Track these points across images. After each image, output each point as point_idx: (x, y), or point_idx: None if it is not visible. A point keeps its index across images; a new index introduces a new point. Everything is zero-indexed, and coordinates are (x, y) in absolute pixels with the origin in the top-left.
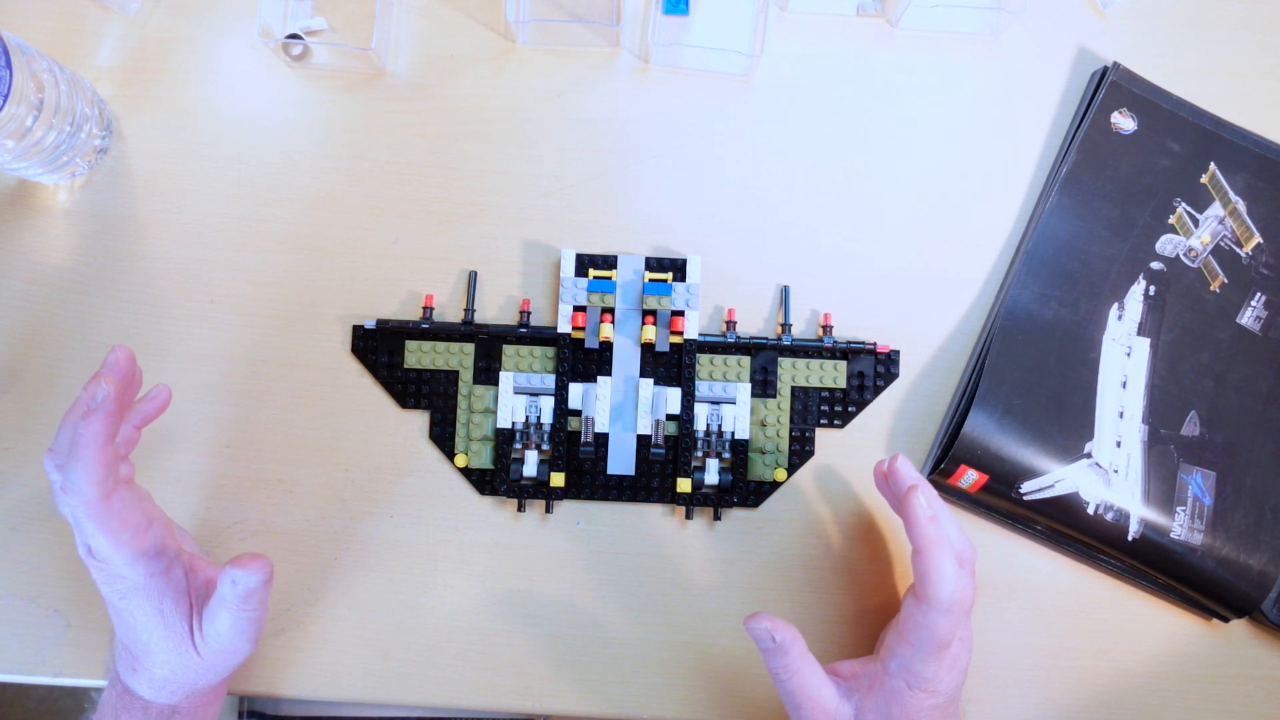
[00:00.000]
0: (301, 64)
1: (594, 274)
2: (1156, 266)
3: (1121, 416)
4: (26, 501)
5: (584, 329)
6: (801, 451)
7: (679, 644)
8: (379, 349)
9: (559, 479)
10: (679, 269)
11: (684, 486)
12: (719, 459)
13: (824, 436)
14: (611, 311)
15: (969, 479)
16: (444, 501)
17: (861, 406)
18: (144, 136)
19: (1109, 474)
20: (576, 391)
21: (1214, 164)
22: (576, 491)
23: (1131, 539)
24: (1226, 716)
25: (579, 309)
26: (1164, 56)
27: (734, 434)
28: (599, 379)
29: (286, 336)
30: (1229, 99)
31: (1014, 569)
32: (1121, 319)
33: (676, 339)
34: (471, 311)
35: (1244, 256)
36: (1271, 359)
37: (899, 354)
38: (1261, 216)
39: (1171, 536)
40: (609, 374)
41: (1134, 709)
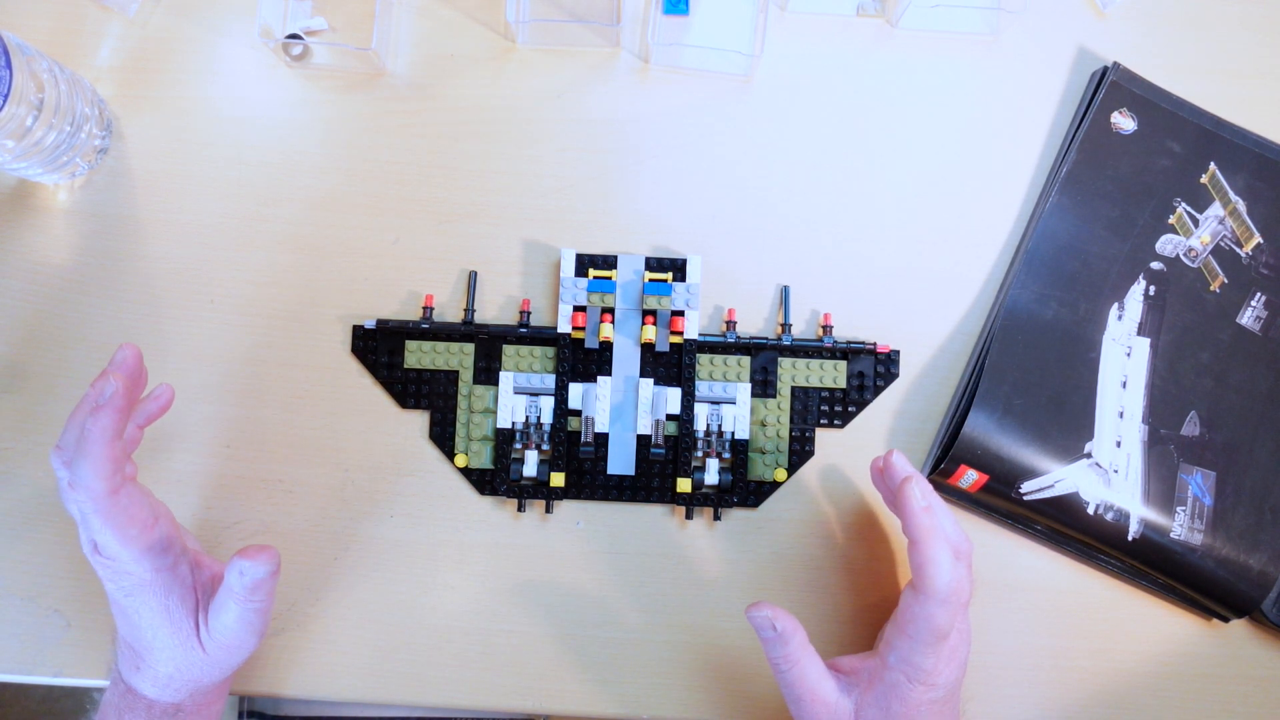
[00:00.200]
0: (301, 64)
1: (594, 274)
2: (1156, 266)
3: (1121, 416)
4: (26, 501)
5: (584, 329)
6: (801, 451)
7: (679, 644)
8: (379, 349)
9: (559, 479)
10: (679, 269)
11: (684, 486)
12: (719, 459)
13: (824, 436)
14: (611, 311)
15: (969, 479)
16: (444, 501)
17: (861, 406)
18: (144, 136)
19: (1109, 474)
20: (576, 391)
21: (1214, 164)
22: (576, 491)
23: (1131, 539)
24: (1226, 716)
25: (579, 309)
26: (1164, 56)
27: (734, 434)
28: (599, 379)
29: (286, 336)
30: (1229, 99)
31: (1014, 569)
32: (1121, 319)
33: (676, 339)
34: (471, 311)
35: (1244, 256)
36: (1271, 359)
37: (899, 354)
38: (1261, 216)
39: (1171, 536)
40: (609, 374)
41: (1134, 709)
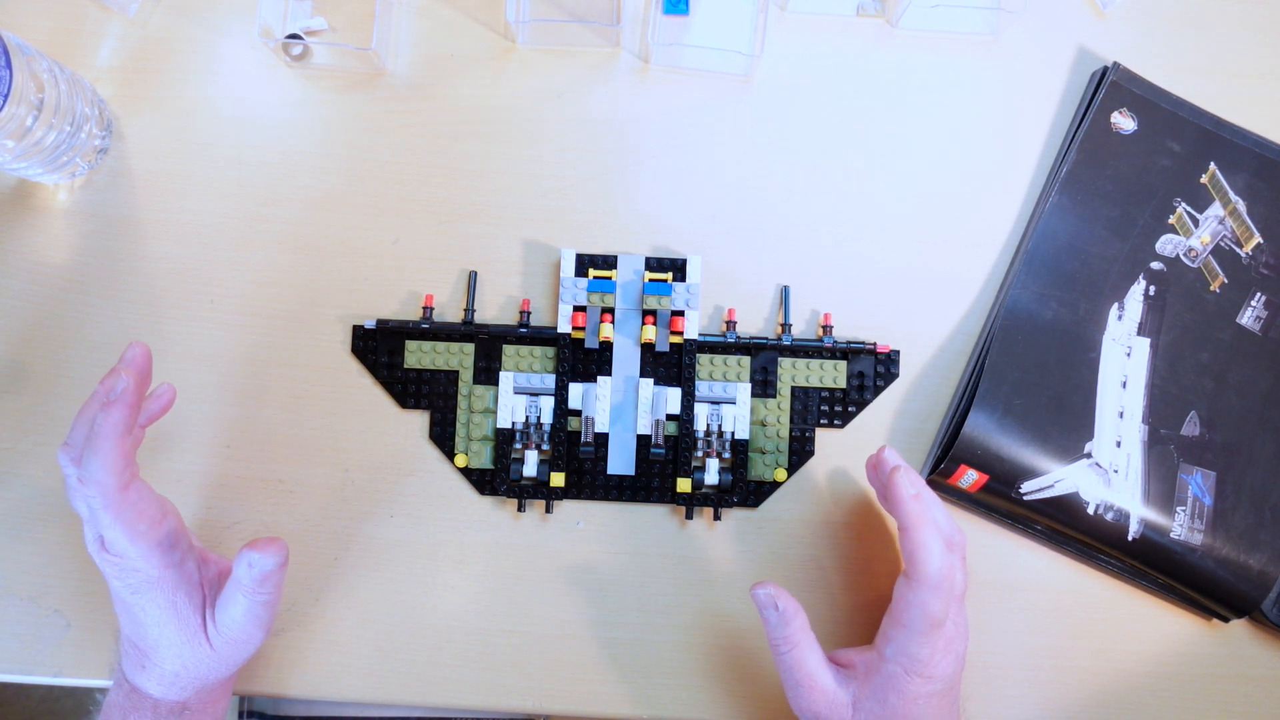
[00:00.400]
0: (301, 64)
1: (594, 274)
2: (1156, 266)
3: (1121, 416)
4: (26, 501)
5: (584, 329)
6: (801, 451)
7: (679, 644)
8: (379, 349)
9: (559, 479)
10: (679, 269)
11: (684, 486)
12: (719, 459)
13: (824, 436)
14: (611, 311)
15: (969, 479)
16: (444, 501)
17: (861, 406)
18: (144, 136)
19: (1109, 474)
20: (576, 391)
21: (1214, 164)
22: (576, 491)
23: (1131, 539)
24: (1226, 716)
25: (579, 309)
26: (1164, 56)
27: (734, 434)
28: (599, 379)
29: (286, 336)
30: (1229, 99)
31: (1014, 569)
32: (1121, 319)
33: (676, 339)
34: (471, 311)
35: (1244, 256)
36: (1271, 359)
37: (899, 354)
38: (1261, 216)
39: (1171, 536)
40: (609, 374)
41: (1134, 709)
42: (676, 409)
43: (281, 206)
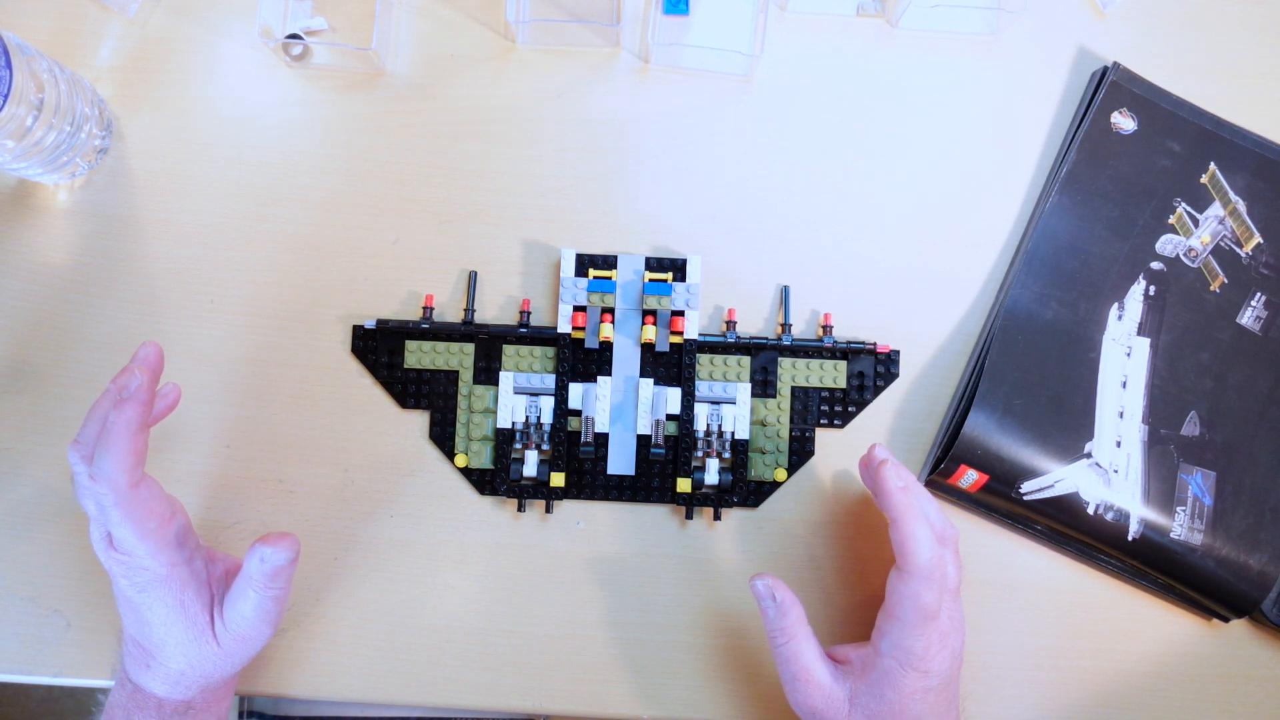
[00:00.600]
0: (301, 64)
1: (594, 274)
2: (1156, 266)
3: (1121, 416)
4: (27, 501)
5: (584, 329)
6: (801, 451)
7: (679, 644)
8: (379, 349)
9: (559, 479)
10: (679, 269)
11: (684, 486)
12: (719, 459)
13: (824, 436)
14: (611, 311)
15: (969, 479)
16: (444, 501)
17: (861, 406)
18: (144, 136)
19: (1109, 474)
20: (576, 391)
21: (1214, 164)
22: (576, 491)
23: (1131, 539)
24: (1226, 716)
25: (579, 309)
26: (1164, 56)
27: (734, 434)
28: (599, 379)
29: (286, 336)
30: (1229, 99)
31: (1014, 569)
32: (1121, 319)
33: (676, 339)
34: (471, 311)
35: (1244, 256)
36: (1271, 359)
37: (899, 354)
38: (1261, 216)
39: (1171, 536)
40: (609, 374)
41: (1134, 709)
42: (676, 409)
43: (281, 206)
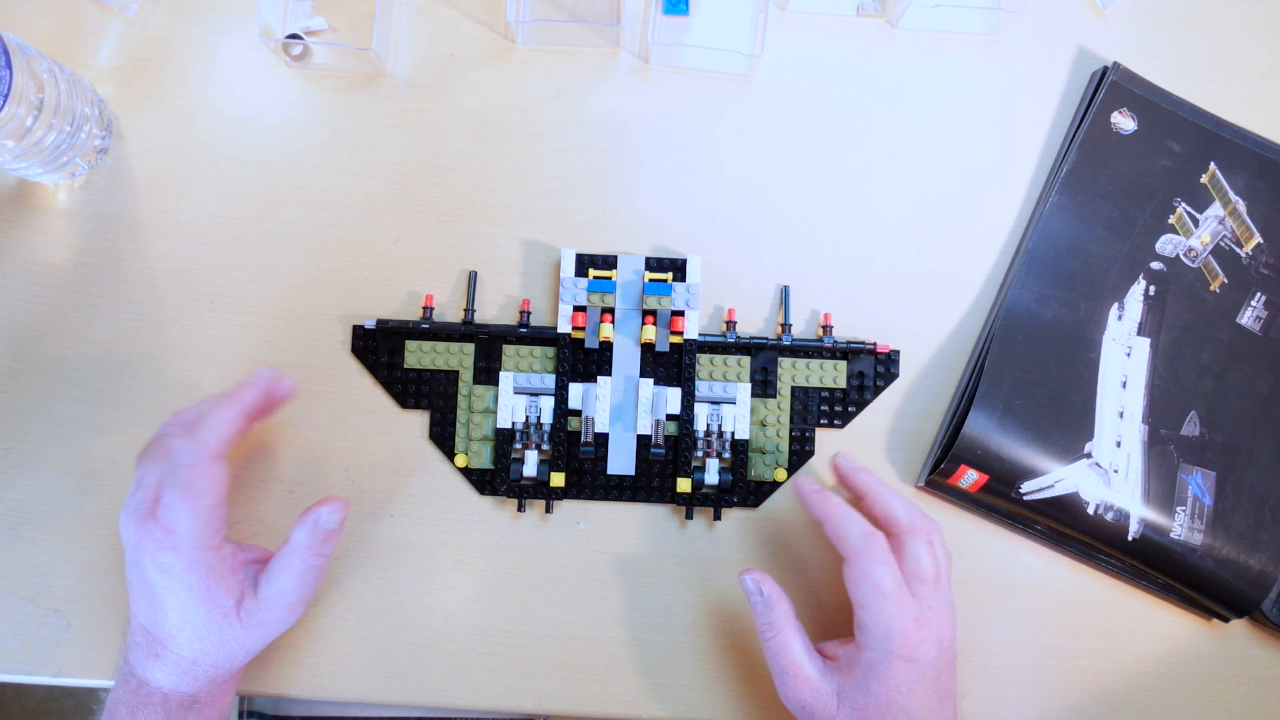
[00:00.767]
0: (301, 64)
1: (594, 274)
2: (1156, 266)
3: (1121, 416)
4: (26, 501)
5: (584, 329)
6: (801, 451)
7: (679, 644)
8: (379, 349)
9: (559, 479)
10: (679, 269)
11: (684, 486)
12: (719, 459)
13: (824, 436)
14: (611, 311)
15: (969, 479)
16: (444, 501)
17: (861, 406)
18: (144, 136)
19: (1109, 474)
20: (576, 391)
21: (1214, 164)
22: (576, 491)
23: (1131, 539)
24: (1226, 716)
25: (579, 309)
26: (1164, 56)
27: (734, 434)
28: (599, 379)
29: (286, 336)
30: (1229, 99)
31: (1014, 569)
32: (1121, 319)
33: (676, 339)
34: (471, 311)
35: (1244, 256)
36: (1271, 359)
37: (899, 354)
38: (1261, 216)
39: (1171, 536)
40: (609, 374)
41: (1134, 709)
42: (676, 409)
43: (281, 206)
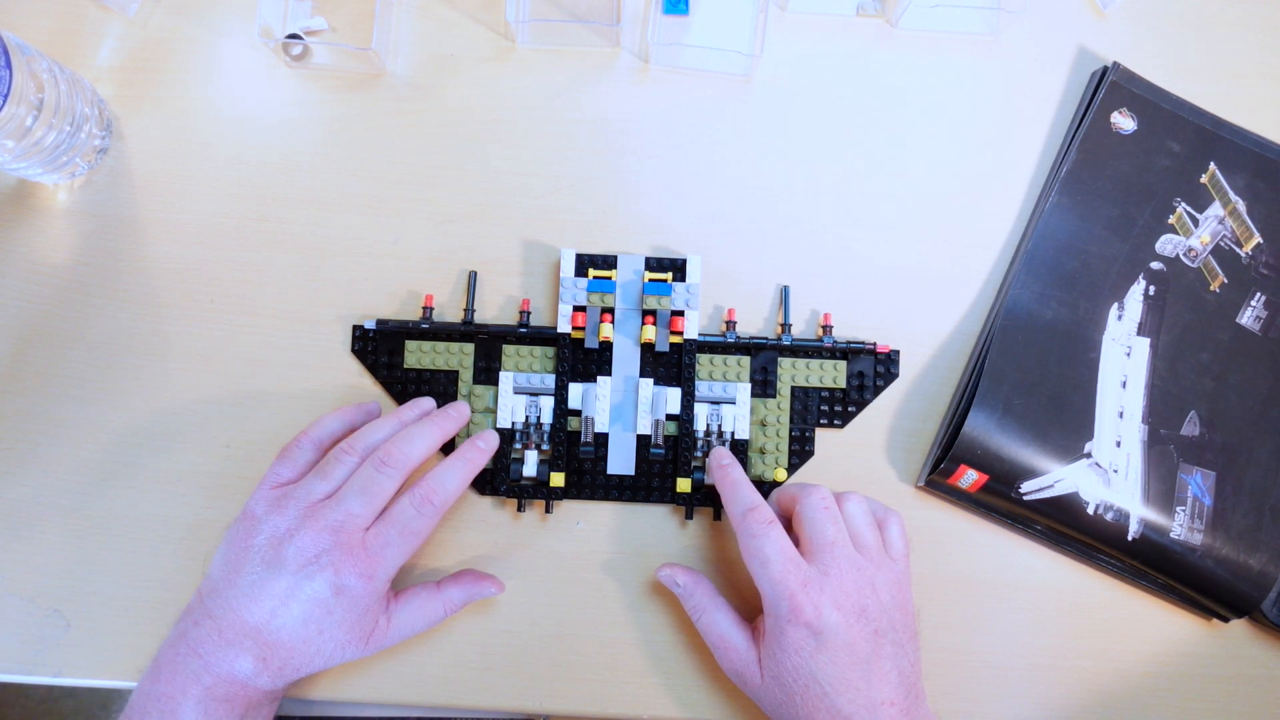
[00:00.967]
0: (301, 64)
1: (594, 274)
2: (1156, 266)
3: (1121, 416)
4: (26, 501)
5: (584, 329)
6: (801, 451)
7: (679, 644)
8: (379, 349)
9: (559, 479)
10: (679, 269)
11: (684, 486)
12: None
13: (824, 436)
14: (611, 311)
15: (969, 479)
16: None
17: (861, 406)
18: (144, 136)
19: (1109, 474)
20: (576, 391)
21: (1214, 164)
22: (576, 491)
23: (1131, 539)
24: (1226, 716)
25: (579, 309)
26: (1164, 56)
27: (734, 434)
28: (599, 379)
29: (286, 336)
30: (1229, 99)
31: (1014, 569)
32: (1121, 319)
33: (676, 339)
34: (471, 311)
35: (1244, 256)
36: (1271, 359)
37: (899, 354)
38: (1261, 216)
39: (1171, 536)
40: (609, 374)
41: (1134, 709)
42: (676, 409)
43: (282, 206)
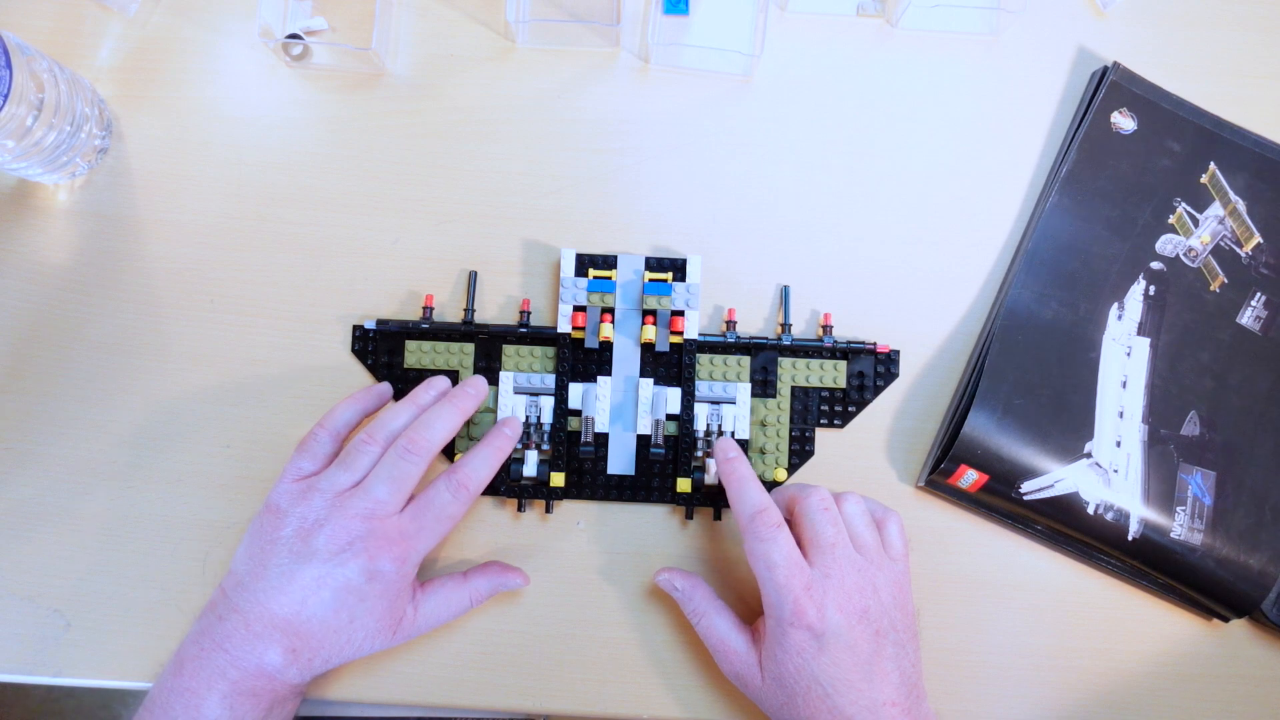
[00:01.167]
0: (301, 64)
1: (594, 274)
2: (1156, 266)
3: (1121, 416)
4: (26, 501)
5: (584, 329)
6: (801, 451)
7: (679, 644)
8: (379, 349)
9: (559, 479)
10: (679, 269)
11: (684, 486)
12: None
13: (824, 436)
14: (611, 311)
15: (969, 479)
16: None
17: (861, 406)
18: (144, 136)
19: (1109, 474)
20: (576, 391)
21: (1214, 164)
22: (576, 491)
23: (1131, 539)
24: (1226, 716)
25: (579, 309)
26: (1164, 56)
27: (734, 434)
28: (599, 379)
29: (286, 336)
30: (1229, 99)
31: (1014, 569)
32: (1121, 319)
33: (676, 339)
34: (471, 311)
35: (1244, 256)
36: (1271, 359)
37: (899, 354)
38: (1261, 216)
39: (1171, 536)
40: (609, 374)
41: (1134, 709)
42: (676, 409)
43: (281, 206)
